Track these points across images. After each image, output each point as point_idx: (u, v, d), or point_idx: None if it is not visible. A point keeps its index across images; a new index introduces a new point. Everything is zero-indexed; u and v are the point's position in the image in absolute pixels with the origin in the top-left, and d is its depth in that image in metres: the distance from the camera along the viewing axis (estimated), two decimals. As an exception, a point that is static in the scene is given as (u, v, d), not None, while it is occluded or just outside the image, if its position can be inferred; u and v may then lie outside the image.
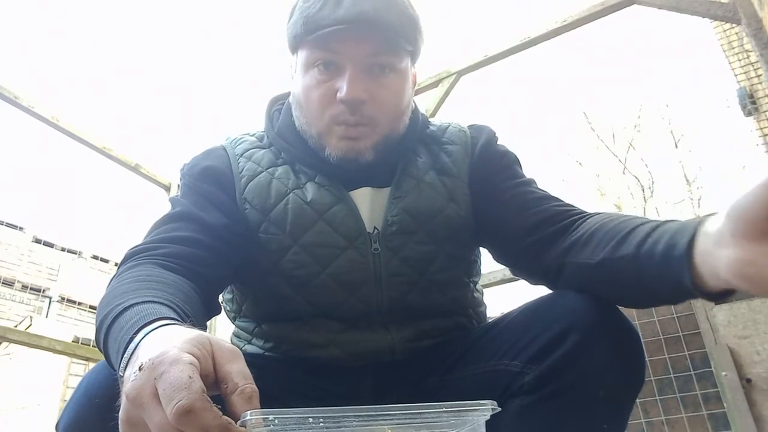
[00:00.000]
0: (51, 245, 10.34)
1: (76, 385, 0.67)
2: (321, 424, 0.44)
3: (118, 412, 0.47)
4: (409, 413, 0.46)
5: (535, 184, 0.93)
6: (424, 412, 0.46)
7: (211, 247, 0.81)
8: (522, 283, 0.96)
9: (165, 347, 0.46)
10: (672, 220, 0.66)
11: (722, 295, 0.58)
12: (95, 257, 10.87)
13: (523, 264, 0.89)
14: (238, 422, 0.44)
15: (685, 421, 2.11)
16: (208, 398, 0.43)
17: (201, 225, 0.83)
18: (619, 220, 0.74)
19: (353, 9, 0.81)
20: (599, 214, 0.81)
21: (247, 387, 0.46)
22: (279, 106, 0.99)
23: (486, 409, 0.48)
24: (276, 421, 0.43)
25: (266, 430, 0.43)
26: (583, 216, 0.82)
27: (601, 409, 0.69)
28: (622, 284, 0.70)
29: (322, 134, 0.87)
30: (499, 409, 0.49)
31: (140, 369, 0.45)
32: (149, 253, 0.76)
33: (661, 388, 2.18)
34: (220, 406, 0.44)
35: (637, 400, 0.75)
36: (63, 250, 10.46)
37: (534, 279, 0.88)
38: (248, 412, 0.43)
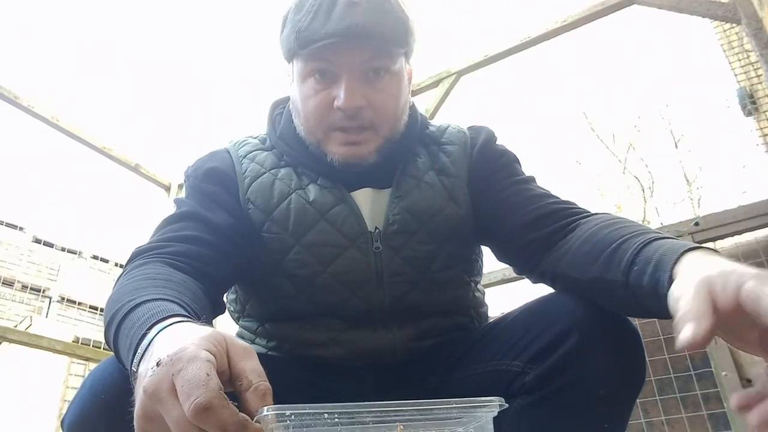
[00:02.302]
0: (51, 245, 10.33)
1: (77, 385, 0.68)
2: (336, 419, 0.45)
3: (123, 408, 0.48)
4: (420, 409, 0.47)
5: (535, 182, 0.94)
6: (434, 408, 0.48)
7: (216, 246, 0.82)
8: (522, 283, 0.96)
9: (183, 344, 0.47)
10: (654, 239, 0.66)
11: None
12: (95, 257, 10.86)
13: (521, 263, 0.89)
14: (255, 418, 0.44)
15: (685, 421, 2.11)
16: (225, 396, 0.43)
17: (206, 224, 0.84)
18: (606, 231, 0.73)
19: (343, 22, 0.80)
20: (592, 218, 0.80)
21: (261, 384, 0.47)
22: (281, 109, 1.00)
23: (494, 405, 0.49)
24: (292, 417, 0.44)
25: (282, 426, 0.44)
26: (578, 217, 0.82)
27: (602, 408, 0.69)
28: (616, 302, 0.70)
29: (322, 141, 0.87)
30: (507, 405, 0.50)
31: (158, 364, 0.45)
32: (156, 251, 0.77)
33: (661, 388, 2.18)
34: (236, 403, 0.44)
35: (637, 400, 0.75)
36: (63, 250, 10.45)
37: (533, 278, 0.88)
38: (265, 408, 0.44)
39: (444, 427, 0.49)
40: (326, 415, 0.44)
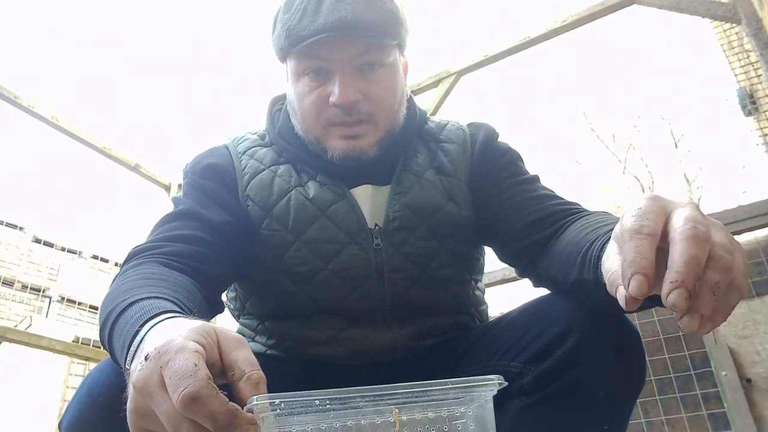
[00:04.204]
0: (51, 245, 10.33)
1: (77, 384, 0.67)
2: (328, 405, 0.44)
3: (121, 410, 0.47)
4: (416, 391, 0.46)
5: (538, 181, 0.93)
6: (430, 390, 0.46)
7: (213, 245, 0.82)
8: (522, 283, 0.96)
9: (170, 336, 0.46)
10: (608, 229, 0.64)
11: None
12: (95, 257, 10.86)
13: (522, 265, 0.89)
14: (245, 408, 0.43)
15: (685, 421, 2.11)
16: (214, 385, 0.43)
17: (203, 223, 0.84)
18: (585, 231, 0.72)
19: (332, 16, 0.81)
20: (581, 218, 0.79)
21: (254, 373, 0.46)
22: (280, 105, 1.00)
23: (493, 384, 0.48)
24: (282, 405, 0.43)
25: (273, 415, 0.43)
26: (572, 218, 0.81)
27: (602, 409, 0.69)
28: (595, 301, 0.69)
29: (320, 138, 0.87)
30: (506, 383, 0.49)
31: (146, 359, 0.45)
32: (152, 251, 0.77)
33: (661, 388, 2.18)
34: (226, 393, 0.44)
35: (637, 400, 0.74)
36: (63, 250, 10.45)
37: (533, 281, 0.88)
38: (254, 397, 0.43)
39: (442, 409, 0.48)
40: (318, 402, 0.43)
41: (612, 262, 0.50)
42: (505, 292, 2.57)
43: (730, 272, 0.44)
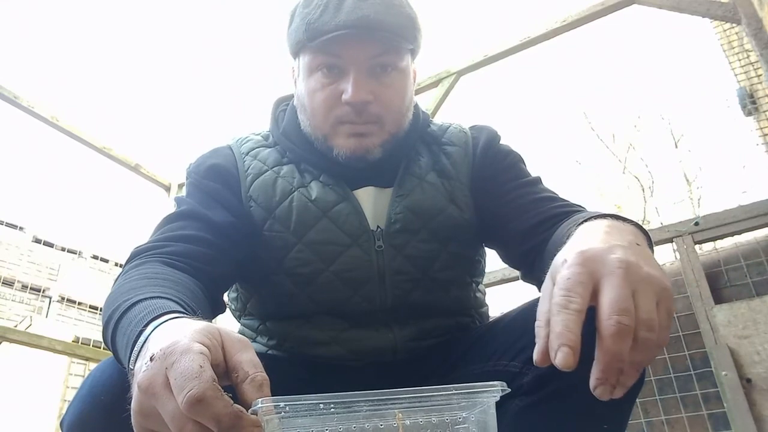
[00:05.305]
0: (51, 245, 10.34)
1: (77, 384, 0.67)
2: (332, 409, 0.44)
3: (123, 409, 0.47)
4: (419, 396, 0.46)
5: (540, 183, 0.93)
6: (434, 395, 0.46)
7: (216, 245, 0.82)
8: (522, 283, 0.96)
9: (175, 337, 0.46)
10: (577, 222, 0.65)
11: None
12: (95, 257, 10.87)
13: (525, 269, 0.89)
14: (249, 410, 0.44)
15: (685, 421, 2.11)
16: (219, 387, 0.43)
17: (206, 223, 0.84)
18: (563, 229, 0.72)
19: (354, 14, 0.81)
20: (571, 217, 0.78)
21: (258, 375, 0.46)
22: (284, 106, 1.00)
23: (496, 390, 0.48)
24: (287, 408, 0.43)
25: (277, 418, 0.43)
26: (567, 219, 0.80)
27: (601, 409, 0.69)
28: None
29: (328, 135, 0.87)
30: (509, 390, 0.49)
31: (151, 359, 0.45)
32: (155, 251, 0.77)
33: (661, 388, 2.18)
34: (231, 395, 0.44)
35: (637, 400, 0.74)
36: (63, 250, 10.46)
37: (536, 285, 0.88)
38: (259, 399, 0.43)
39: (445, 414, 0.48)
40: (322, 406, 0.43)
41: (541, 309, 0.52)
42: (505, 292, 2.58)
43: (654, 349, 0.48)
